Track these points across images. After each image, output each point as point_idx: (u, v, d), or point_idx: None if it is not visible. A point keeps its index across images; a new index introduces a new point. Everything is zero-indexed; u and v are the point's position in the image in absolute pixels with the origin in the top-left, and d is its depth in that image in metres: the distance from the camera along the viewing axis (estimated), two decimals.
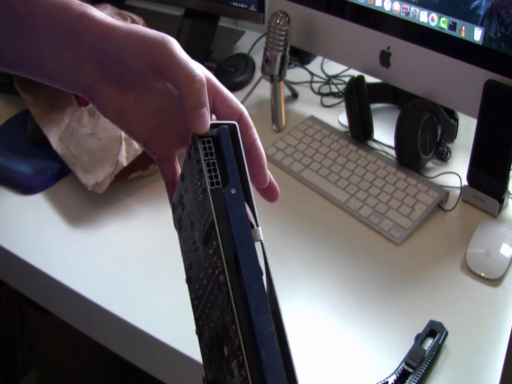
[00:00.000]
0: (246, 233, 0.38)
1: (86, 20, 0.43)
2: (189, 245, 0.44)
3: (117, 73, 0.43)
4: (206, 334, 0.41)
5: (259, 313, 0.36)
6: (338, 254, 0.79)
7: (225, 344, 0.37)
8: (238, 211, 0.38)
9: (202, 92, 0.41)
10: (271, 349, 0.35)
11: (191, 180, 0.43)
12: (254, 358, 0.34)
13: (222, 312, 0.38)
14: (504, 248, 0.77)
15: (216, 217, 0.38)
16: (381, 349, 0.67)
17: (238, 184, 0.40)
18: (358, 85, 0.92)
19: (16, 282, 0.88)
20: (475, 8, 0.79)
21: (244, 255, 0.37)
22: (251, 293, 0.36)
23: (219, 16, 1.21)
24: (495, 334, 0.68)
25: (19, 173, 0.90)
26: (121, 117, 0.45)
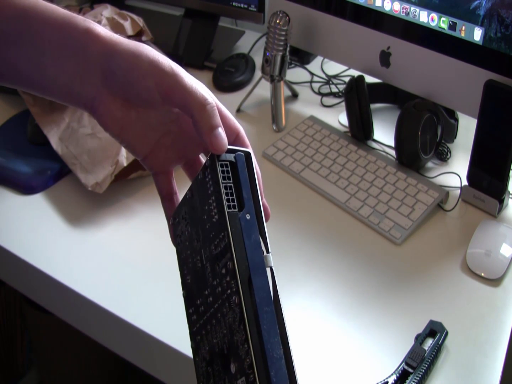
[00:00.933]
0: (259, 258, 0.40)
1: (90, 35, 0.43)
2: (193, 261, 0.45)
3: (123, 90, 0.43)
4: (205, 349, 0.42)
5: (270, 335, 0.37)
6: (338, 254, 0.79)
7: (232, 361, 0.38)
8: (252, 236, 0.40)
9: (215, 114, 0.42)
10: (279, 370, 0.36)
11: (203, 198, 0.43)
12: (264, 378, 0.36)
13: (231, 330, 0.39)
14: (504, 248, 0.77)
15: (232, 240, 0.40)
16: (381, 349, 0.67)
17: (253, 209, 0.42)
18: (358, 85, 0.92)
19: (16, 282, 0.88)
20: (475, 8, 0.79)
21: (258, 279, 0.39)
22: (262, 316, 0.38)
23: (219, 16, 1.21)
24: (495, 334, 0.68)
25: (19, 173, 0.90)
26: (122, 132, 0.45)
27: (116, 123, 0.45)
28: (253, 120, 1.04)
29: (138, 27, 1.01)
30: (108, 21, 0.97)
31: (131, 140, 0.46)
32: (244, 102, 1.06)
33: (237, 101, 1.06)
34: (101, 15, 0.97)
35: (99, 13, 0.98)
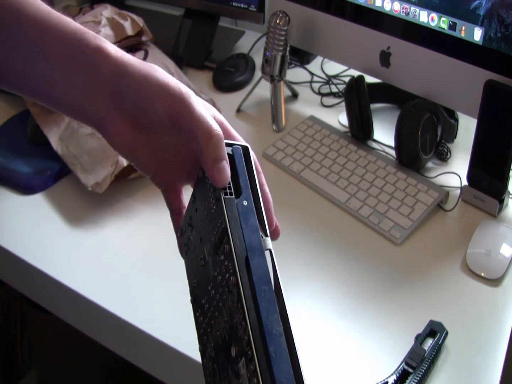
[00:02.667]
0: (257, 240, 0.40)
1: (101, 54, 0.42)
2: (197, 263, 0.45)
3: (132, 111, 0.43)
4: (211, 347, 0.42)
5: (268, 312, 0.37)
6: (338, 254, 0.79)
7: (233, 345, 0.38)
8: (250, 220, 0.40)
9: (221, 146, 0.42)
10: (279, 346, 0.36)
11: (204, 196, 0.44)
12: (263, 354, 0.35)
13: (230, 314, 0.39)
14: (504, 248, 0.77)
15: (228, 223, 0.40)
16: (381, 349, 0.67)
17: (250, 196, 0.42)
18: (358, 85, 0.92)
19: (16, 282, 0.88)
20: (475, 8, 0.79)
21: (255, 259, 0.39)
22: (261, 294, 0.37)
23: (219, 16, 1.21)
24: (495, 334, 0.68)
25: (19, 173, 0.90)
26: (131, 153, 0.45)
27: (125, 143, 0.44)
28: (253, 120, 1.04)
29: (138, 27, 1.00)
30: (108, 21, 0.97)
31: (141, 160, 0.46)
32: (244, 102, 1.06)
33: (237, 101, 1.06)
34: (101, 15, 0.97)
35: (99, 13, 0.98)
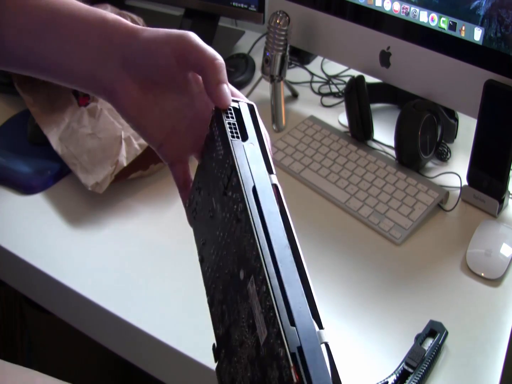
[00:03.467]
0: (263, 173, 0.41)
1: (119, 22, 0.46)
2: (206, 219, 0.46)
3: (142, 68, 0.46)
4: (219, 291, 0.43)
5: (274, 231, 0.38)
6: (338, 254, 0.79)
7: (242, 269, 0.39)
8: (256, 158, 0.42)
9: (223, 70, 0.45)
10: (286, 259, 0.37)
11: (211, 151, 0.45)
12: (272, 266, 0.36)
13: (239, 242, 0.39)
14: (504, 248, 0.77)
15: (236, 159, 0.41)
16: (381, 349, 0.67)
17: (256, 140, 0.43)
18: (358, 85, 0.92)
19: (16, 282, 0.88)
20: (475, 8, 0.79)
21: (262, 188, 0.40)
22: (268, 216, 0.39)
23: (219, 16, 1.21)
24: (495, 334, 0.68)
25: (19, 173, 0.90)
26: (139, 116, 0.47)
27: (133, 106, 0.47)
28: None
29: None
30: None
31: (148, 126, 0.48)
32: None
33: None
34: None
35: None
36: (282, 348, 0.33)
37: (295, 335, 0.33)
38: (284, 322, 0.34)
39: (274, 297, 0.35)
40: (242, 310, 0.38)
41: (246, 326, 0.37)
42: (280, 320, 0.34)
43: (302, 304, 0.35)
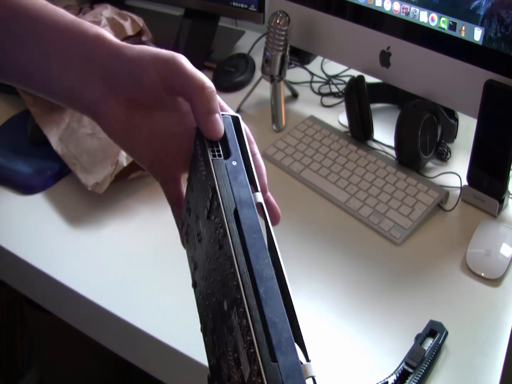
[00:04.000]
0: (247, 194, 0.39)
1: (100, 39, 0.43)
2: (195, 243, 0.44)
3: (127, 89, 0.43)
4: (210, 319, 0.41)
5: (258, 258, 0.35)
6: (338, 254, 0.79)
7: (225, 299, 0.37)
8: (239, 177, 0.40)
9: (213, 98, 0.42)
10: (270, 288, 0.34)
11: (196, 171, 0.43)
12: (253, 297, 0.34)
13: (222, 270, 0.37)
14: (504, 248, 0.77)
15: (217, 180, 0.39)
16: (381, 349, 0.67)
17: (240, 157, 0.41)
18: (358, 85, 0.92)
19: (16, 282, 0.88)
20: (475, 8, 0.79)
21: (245, 210, 0.38)
22: (250, 241, 0.36)
23: (219, 16, 1.21)
24: (495, 334, 0.68)
25: (19, 173, 0.90)
26: (125, 137, 0.45)
27: (119, 127, 0.44)
28: (253, 120, 1.04)
29: (138, 27, 1.01)
30: (108, 21, 0.97)
31: (136, 147, 0.45)
32: (244, 102, 1.06)
33: (237, 101, 1.06)
34: (101, 15, 0.97)
35: (99, 13, 0.98)
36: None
37: (277, 373, 0.31)
38: (265, 358, 0.31)
39: (255, 332, 0.32)
40: (229, 343, 0.36)
41: (232, 360, 0.35)
42: (260, 357, 0.32)
43: (287, 337, 0.33)
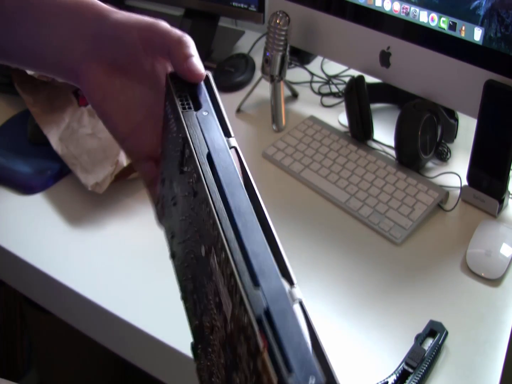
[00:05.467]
0: (219, 138, 0.38)
1: (92, 2, 0.45)
2: (170, 211, 0.43)
3: (109, 50, 0.44)
4: (189, 280, 0.40)
5: (234, 195, 0.34)
6: (337, 254, 0.79)
7: (203, 245, 0.35)
8: (211, 125, 0.39)
9: (191, 45, 0.43)
10: (249, 221, 0.33)
11: (168, 135, 0.42)
12: (232, 232, 0.33)
13: (199, 217, 0.36)
14: (504, 248, 0.77)
15: (187, 129, 0.38)
16: (381, 349, 0.67)
17: (211, 108, 0.40)
18: (358, 85, 0.92)
19: (16, 282, 0.88)
20: (475, 8, 0.79)
21: (219, 154, 0.37)
22: (226, 180, 0.35)
23: (219, 16, 1.21)
24: (495, 334, 0.68)
25: (19, 173, 0.90)
26: (103, 102, 0.45)
27: (98, 90, 0.45)
28: (253, 120, 1.04)
29: None
30: None
31: (112, 115, 0.46)
32: (244, 102, 1.06)
33: (237, 101, 1.06)
34: None
35: None
36: (246, 315, 0.29)
37: (261, 298, 0.29)
38: (247, 285, 0.30)
39: (234, 261, 0.31)
40: (209, 292, 0.35)
41: (214, 307, 0.34)
42: (241, 284, 0.30)
43: (268, 263, 0.31)
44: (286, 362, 0.27)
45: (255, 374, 0.28)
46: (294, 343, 0.28)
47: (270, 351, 0.27)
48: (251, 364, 0.29)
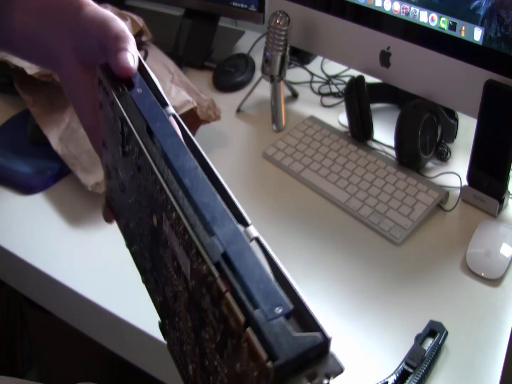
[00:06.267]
0: (156, 110, 0.38)
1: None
2: (120, 197, 0.43)
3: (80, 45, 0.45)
4: (148, 259, 0.40)
5: (178, 156, 0.34)
6: (338, 254, 0.79)
7: (153, 215, 0.35)
8: (146, 99, 0.38)
9: (126, 39, 0.42)
10: (195, 177, 0.33)
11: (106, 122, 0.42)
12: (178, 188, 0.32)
13: (146, 191, 0.36)
14: (504, 248, 0.77)
15: (124, 110, 0.38)
16: (381, 349, 0.67)
17: (144, 83, 0.40)
18: (358, 85, 0.92)
19: (16, 282, 0.88)
20: (475, 8, 0.79)
21: (157, 124, 0.36)
22: (167, 145, 0.35)
23: (219, 16, 1.21)
24: (495, 334, 0.68)
25: (19, 173, 0.90)
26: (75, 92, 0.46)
27: (72, 80, 0.46)
28: (253, 120, 1.04)
29: (138, 27, 1.00)
30: None
31: (82, 106, 0.47)
32: (244, 102, 1.06)
33: (237, 101, 1.06)
34: None
35: None
36: (205, 264, 0.29)
37: (216, 244, 0.29)
38: (201, 235, 0.30)
39: (186, 217, 0.31)
40: (167, 260, 0.34)
41: (174, 273, 0.34)
42: (196, 235, 0.30)
43: (220, 210, 0.31)
44: (251, 298, 0.27)
45: (222, 321, 0.28)
46: (256, 278, 0.28)
47: (233, 292, 0.27)
48: (216, 312, 0.28)
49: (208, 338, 0.30)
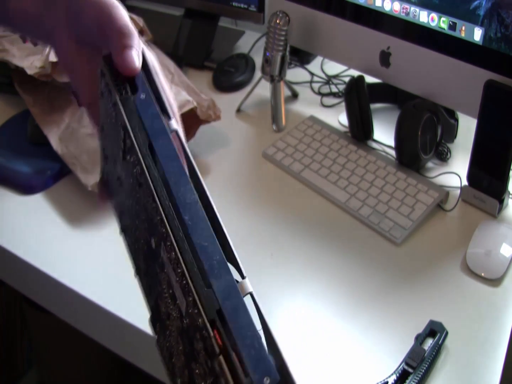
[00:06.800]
0: (159, 124, 0.38)
1: None
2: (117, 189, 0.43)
3: (77, 24, 0.45)
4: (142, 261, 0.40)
5: (179, 185, 0.34)
6: (338, 254, 0.79)
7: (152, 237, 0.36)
8: (149, 109, 0.38)
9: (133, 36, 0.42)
10: (195, 214, 0.33)
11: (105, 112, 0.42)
12: (179, 227, 0.33)
13: (146, 208, 0.36)
14: (504, 248, 0.77)
15: (126, 117, 0.38)
16: (381, 349, 0.67)
17: (148, 90, 0.40)
18: (358, 85, 0.92)
19: (16, 282, 0.88)
20: (475, 8, 0.79)
21: (159, 141, 0.36)
22: (168, 170, 0.35)
23: (219, 16, 1.21)
24: (495, 334, 0.68)
25: (19, 173, 0.90)
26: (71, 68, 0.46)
27: (68, 57, 0.46)
28: (253, 120, 1.04)
29: (138, 27, 1.00)
30: None
31: (79, 83, 0.46)
32: (244, 102, 1.06)
33: (237, 101, 1.06)
34: None
35: None
36: (200, 317, 0.30)
37: (212, 298, 0.30)
38: (199, 287, 0.30)
39: (185, 262, 0.31)
40: (163, 281, 0.35)
41: (168, 297, 0.34)
42: (193, 286, 0.30)
43: (218, 259, 0.31)
44: (241, 363, 0.28)
45: (213, 374, 0.29)
46: (248, 342, 0.29)
47: (226, 355, 0.28)
48: (209, 363, 0.29)
49: (199, 374, 0.31)
